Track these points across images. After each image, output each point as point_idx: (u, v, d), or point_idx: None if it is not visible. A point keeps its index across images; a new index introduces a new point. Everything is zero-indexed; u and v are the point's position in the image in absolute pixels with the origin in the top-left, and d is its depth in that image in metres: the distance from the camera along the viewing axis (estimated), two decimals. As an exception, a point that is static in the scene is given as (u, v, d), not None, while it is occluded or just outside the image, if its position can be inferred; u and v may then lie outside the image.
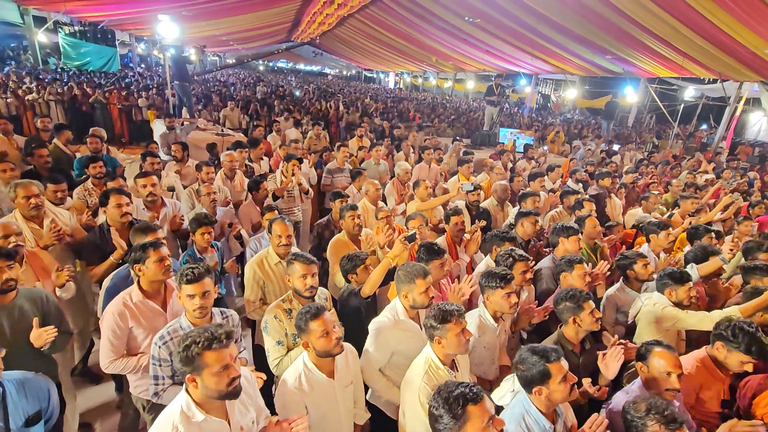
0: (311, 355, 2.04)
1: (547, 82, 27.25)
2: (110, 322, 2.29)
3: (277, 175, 4.89)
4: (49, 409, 1.90)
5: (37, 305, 2.33)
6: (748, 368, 2.25)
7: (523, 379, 1.87)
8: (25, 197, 2.99)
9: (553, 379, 1.79)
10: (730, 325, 2.27)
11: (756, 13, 6.77)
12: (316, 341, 1.97)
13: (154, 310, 2.40)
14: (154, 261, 2.36)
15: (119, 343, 2.32)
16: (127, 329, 2.33)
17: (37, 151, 4.42)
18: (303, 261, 2.42)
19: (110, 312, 2.30)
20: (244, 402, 1.84)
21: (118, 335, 2.30)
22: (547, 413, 1.86)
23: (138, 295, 2.37)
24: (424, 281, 2.31)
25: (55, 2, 12.72)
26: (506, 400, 2.09)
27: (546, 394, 1.81)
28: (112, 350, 2.31)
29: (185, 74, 8.00)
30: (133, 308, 2.34)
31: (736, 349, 2.24)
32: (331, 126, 12.44)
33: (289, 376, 2.04)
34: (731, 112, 11.88)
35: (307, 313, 1.99)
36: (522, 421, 1.83)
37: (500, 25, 11.94)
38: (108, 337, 2.30)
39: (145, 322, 2.35)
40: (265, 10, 16.73)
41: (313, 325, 1.96)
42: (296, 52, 37.83)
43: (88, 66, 17.08)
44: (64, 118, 10.73)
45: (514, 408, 1.92)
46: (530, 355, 1.85)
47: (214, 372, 1.59)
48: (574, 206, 4.40)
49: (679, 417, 1.68)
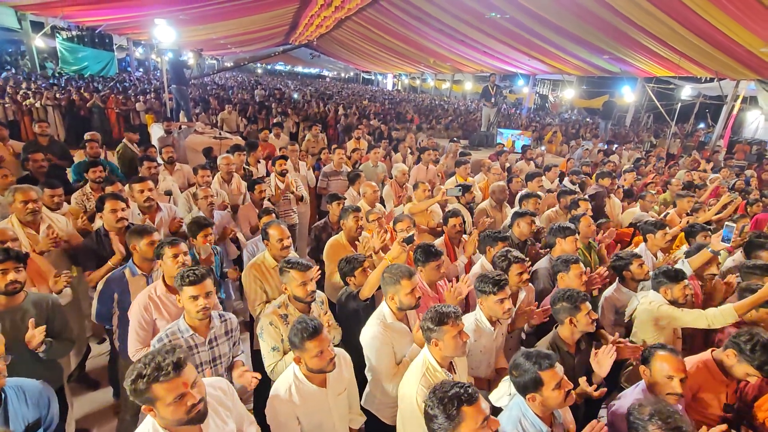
0: (302, 368, 2.01)
1: (544, 83, 27.36)
2: (137, 314, 2.44)
3: (272, 179, 4.87)
4: (48, 417, 1.89)
5: (43, 310, 2.35)
6: (751, 380, 2.26)
7: (516, 384, 1.88)
8: (23, 202, 2.99)
9: (546, 386, 1.79)
10: (752, 339, 2.21)
11: (752, 11, 6.78)
12: (310, 360, 1.94)
13: (176, 304, 2.41)
14: (170, 257, 2.49)
15: (145, 333, 2.44)
16: (152, 321, 2.45)
17: (32, 156, 4.41)
18: (299, 269, 2.37)
19: (137, 303, 2.46)
20: (221, 415, 1.78)
21: (144, 326, 2.44)
22: (544, 417, 1.85)
23: (162, 288, 2.50)
24: (409, 281, 2.30)
25: (53, 7, 12.71)
26: (504, 402, 2.09)
27: (540, 400, 1.81)
28: (139, 340, 2.44)
29: (183, 78, 7.99)
30: (157, 301, 2.47)
31: (747, 362, 2.21)
32: (329, 129, 12.46)
33: (280, 388, 2.01)
34: (728, 110, 11.91)
35: (304, 330, 1.92)
36: (519, 424, 1.83)
37: (497, 26, 11.96)
38: (135, 328, 2.44)
39: (167, 315, 2.45)
40: (263, 13, 16.75)
41: (309, 344, 1.91)
42: (294, 55, 37.84)
43: (85, 70, 17.09)
44: (61, 123, 10.74)
45: (511, 410, 1.92)
46: (523, 361, 1.85)
47: (167, 403, 1.47)
48: (570, 206, 4.41)
49: (683, 425, 1.67)
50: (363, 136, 8.44)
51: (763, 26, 7.10)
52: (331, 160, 6.00)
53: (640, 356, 2.22)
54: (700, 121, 18.16)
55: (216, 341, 2.25)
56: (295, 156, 5.83)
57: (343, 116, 12.95)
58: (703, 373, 2.34)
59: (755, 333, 2.24)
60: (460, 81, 26.25)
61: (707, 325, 2.65)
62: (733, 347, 2.28)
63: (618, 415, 1.98)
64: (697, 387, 2.32)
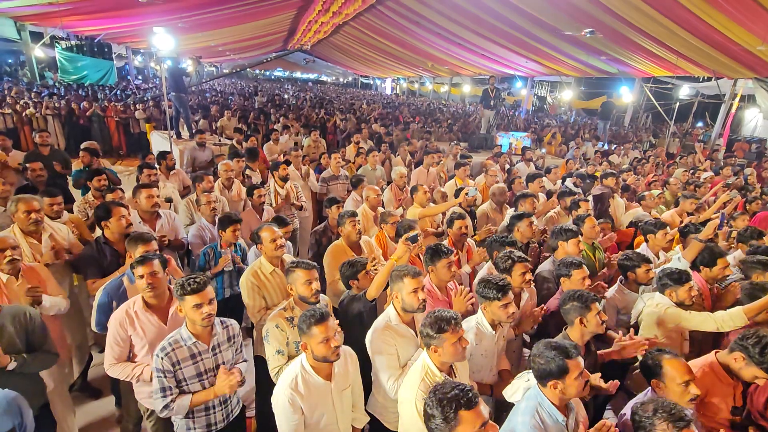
0: (309, 357, 2.04)
1: (542, 84, 27.40)
2: (113, 329, 2.37)
3: (271, 185, 4.86)
4: (23, 425, 1.85)
5: (19, 323, 2.25)
6: (760, 382, 2.22)
7: (539, 372, 1.89)
8: (25, 212, 2.98)
9: (570, 374, 1.81)
10: (760, 341, 2.18)
11: (748, 10, 6.81)
12: (316, 346, 1.97)
13: (152, 321, 2.40)
14: (138, 276, 2.37)
15: (120, 349, 2.38)
16: (127, 337, 2.38)
17: (31, 165, 4.42)
18: (304, 267, 2.43)
19: (114, 318, 2.38)
20: None
21: (119, 342, 2.37)
22: (560, 406, 1.87)
23: (140, 305, 2.41)
24: (413, 280, 2.30)
25: (52, 17, 12.77)
26: (517, 397, 2.09)
27: (561, 388, 1.83)
28: (114, 355, 2.38)
29: (182, 85, 8.01)
30: (134, 317, 2.39)
31: (756, 364, 2.17)
32: (329, 135, 12.48)
33: (286, 377, 2.05)
34: (727, 109, 11.92)
35: (312, 316, 1.98)
36: (536, 413, 1.85)
37: (494, 29, 12.03)
38: (110, 342, 2.38)
39: (142, 332, 2.37)
40: (261, 20, 16.83)
41: (316, 329, 1.96)
42: (291, 60, 38.05)
43: (85, 79, 17.11)
44: (61, 132, 10.77)
45: (528, 400, 1.93)
46: (549, 350, 1.87)
47: None
48: (571, 207, 4.40)
49: (686, 415, 1.69)
50: (365, 140, 8.47)
51: (759, 25, 7.12)
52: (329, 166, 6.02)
53: (642, 368, 2.19)
54: (698, 120, 18.19)
55: (219, 348, 2.25)
56: (298, 162, 5.85)
57: (343, 121, 12.97)
58: (709, 377, 2.29)
59: (763, 335, 2.20)
60: (459, 84, 26.33)
61: (716, 328, 2.62)
62: (740, 350, 2.23)
63: (629, 425, 1.96)
64: (705, 391, 2.26)
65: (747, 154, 12.03)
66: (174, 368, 2.12)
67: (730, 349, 2.30)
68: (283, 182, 4.91)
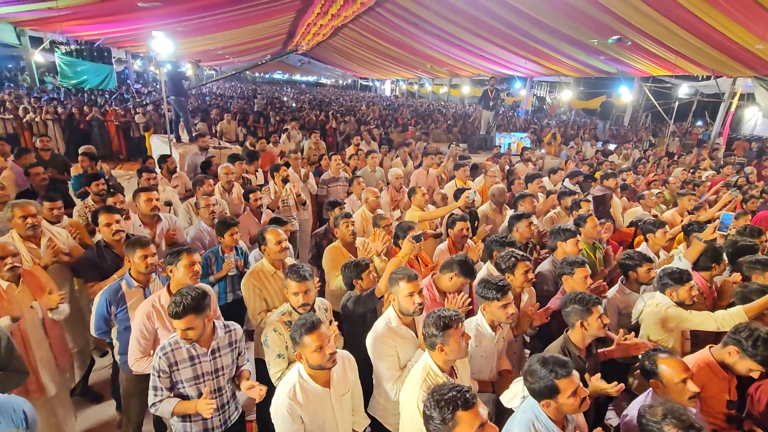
0: (305, 366, 2.03)
1: (541, 85, 27.43)
2: (139, 322, 2.40)
3: (271, 186, 4.88)
4: None
5: None
6: (754, 375, 2.22)
7: (531, 391, 1.86)
8: (22, 217, 2.98)
9: (562, 393, 1.77)
10: (753, 335, 2.19)
11: (746, 9, 6.82)
12: (310, 355, 1.95)
13: None
14: (185, 265, 2.48)
15: (146, 342, 2.41)
16: (153, 330, 2.41)
17: (32, 169, 4.43)
18: (295, 279, 2.38)
19: (140, 312, 2.42)
20: None
21: (145, 335, 2.40)
22: (557, 420, 1.84)
23: (166, 298, 2.44)
24: (408, 284, 2.29)
25: (51, 23, 12.81)
26: (515, 404, 2.07)
27: (555, 407, 1.80)
28: (140, 349, 2.42)
29: (181, 89, 8.02)
30: (160, 310, 2.43)
31: (750, 357, 2.19)
32: (328, 137, 12.49)
33: (284, 387, 2.03)
34: (726, 108, 11.92)
35: (302, 326, 1.95)
36: (531, 426, 1.82)
37: (492, 30, 12.04)
38: (136, 336, 2.41)
39: (170, 325, 2.39)
40: (259, 23, 16.86)
41: (308, 339, 1.93)
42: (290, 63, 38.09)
43: (85, 84, 17.20)
44: (61, 136, 10.78)
45: (524, 413, 1.90)
46: (539, 367, 1.82)
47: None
48: (572, 207, 4.39)
49: (696, 422, 1.65)
50: (366, 140, 8.46)
51: (758, 23, 7.12)
52: (328, 167, 6.02)
53: (641, 368, 2.18)
54: (698, 119, 18.19)
55: (219, 352, 2.24)
56: (298, 164, 5.83)
57: (343, 123, 12.98)
58: (705, 373, 2.30)
59: (755, 328, 2.23)
60: (458, 85, 26.37)
61: (716, 327, 2.62)
62: (734, 344, 2.26)
63: (632, 426, 1.93)
64: (701, 387, 2.24)
65: (747, 153, 12.03)
66: (171, 369, 2.12)
67: (723, 343, 2.32)
68: (283, 184, 4.92)
